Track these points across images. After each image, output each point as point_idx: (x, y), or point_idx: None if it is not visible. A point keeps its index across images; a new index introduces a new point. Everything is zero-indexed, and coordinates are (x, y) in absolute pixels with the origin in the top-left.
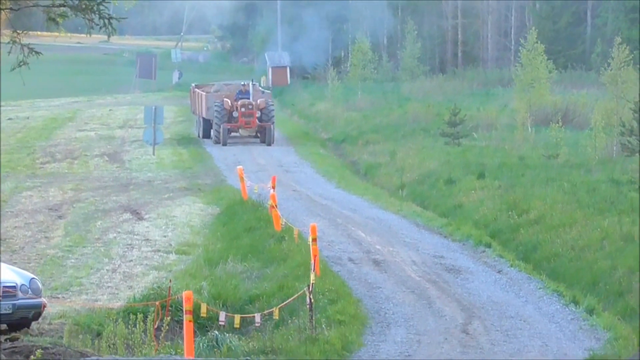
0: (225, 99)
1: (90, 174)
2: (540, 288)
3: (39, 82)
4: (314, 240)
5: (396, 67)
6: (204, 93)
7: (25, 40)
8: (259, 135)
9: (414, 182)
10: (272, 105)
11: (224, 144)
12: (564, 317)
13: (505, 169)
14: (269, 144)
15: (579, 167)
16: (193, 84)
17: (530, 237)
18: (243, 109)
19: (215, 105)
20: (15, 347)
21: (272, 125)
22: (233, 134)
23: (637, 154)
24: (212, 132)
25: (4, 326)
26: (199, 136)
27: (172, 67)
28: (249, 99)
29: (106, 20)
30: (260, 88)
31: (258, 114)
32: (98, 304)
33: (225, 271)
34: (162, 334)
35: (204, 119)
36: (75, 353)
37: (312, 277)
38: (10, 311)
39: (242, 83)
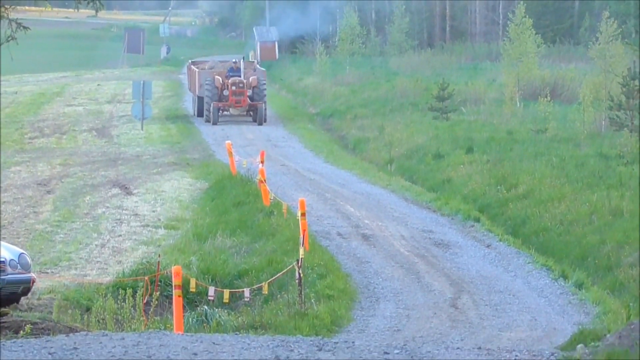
0: (216, 77)
1: (79, 148)
2: (529, 262)
3: (27, 57)
4: (303, 214)
5: (384, 41)
6: (198, 70)
7: (13, 15)
8: (250, 114)
9: (402, 156)
10: (264, 83)
11: (214, 123)
12: (553, 292)
13: (493, 144)
14: (260, 124)
15: (568, 142)
16: (189, 60)
17: (519, 211)
18: (234, 88)
19: (206, 83)
20: (5, 322)
21: (263, 104)
22: (225, 112)
23: (625, 129)
24: (205, 111)
25: None
26: (194, 114)
27: (160, 41)
28: (240, 76)
29: None
30: (257, 65)
31: (249, 93)
32: (87, 279)
33: (214, 246)
34: (151, 309)
35: (198, 97)
36: (65, 328)
37: (301, 251)
38: (0, 286)
39: (234, 60)
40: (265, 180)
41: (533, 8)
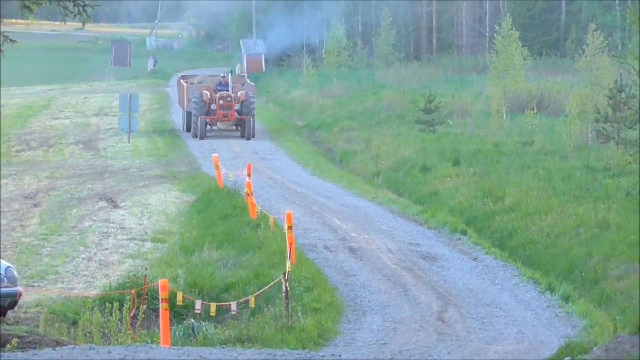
0: (204, 91)
1: (66, 161)
2: (515, 275)
3: (14, 69)
4: (290, 227)
5: (371, 54)
6: (186, 85)
7: None
8: (238, 128)
9: (389, 169)
10: (253, 97)
11: (202, 138)
12: (539, 305)
13: (480, 156)
14: (249, 138)
15: (554, 154)
16: (179, 75)
17: (506, 224)
18: (221, 102)
19: (194, 98)
20: None
21: (251, 119)
22: (212, 127)
23: (612, 141)
24: (192, 125)
25: None
26: (183, 129)
27: (147, 54)
28: (228, 90)
29: (80, 8)
30: (247, 80)
31: (237, 107)
32: (74, 292)
33: (201, 259)
34: (138, 323)
35: (187, 111)
36: (51, 341)
37: (287, 264)
38: None
39: (222, 74)
40: (252, 193)
41: (519, 21)
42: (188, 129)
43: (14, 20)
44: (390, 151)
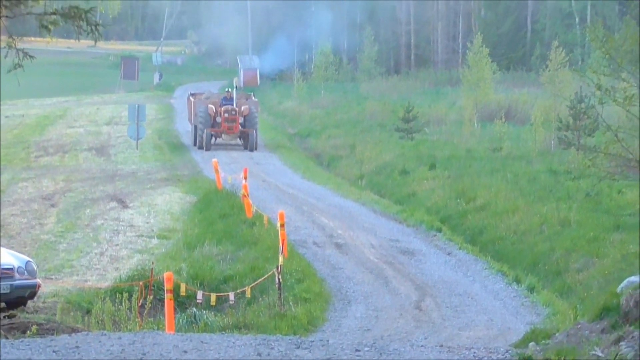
0: (210, 105)
1: (80, 166)
2: (485, 268)
3: (33, 83)
4: (282, 225)
5: (355, 68)
6: (194, 100)
7: (20, 45)
8: (242, 141)
9: (372, 172)
10: (256, 112)
11: (207, 149)
12: (507, 295)
13: (454, 161)
14: (252, 150)
15: (521, 159)
16: (189, 92)
17: (477, 222)
18: (226, 115)
19: (200, 111)
20: (13, 323)
21: (254, 132)
22: (218, 140)
23: (573, 147)
24: (197, 138)
25: (2, 305)
26: (193, 144)
27: (153, 69)
28: (232, 105)
29: (93, 27)
30: (253, 97)
31: (241, 120)
32: (87, 284)
33: (202, 254)
34: (146, 311)
35: (194, 125)
36: (67, 328)
37: (280, 259)
38: (8, 291)
39: (227, 90)
40: (248, 195)
41: (489, 38)
42: (195, 144)
43: (33, 38)
44: (373, 156)
